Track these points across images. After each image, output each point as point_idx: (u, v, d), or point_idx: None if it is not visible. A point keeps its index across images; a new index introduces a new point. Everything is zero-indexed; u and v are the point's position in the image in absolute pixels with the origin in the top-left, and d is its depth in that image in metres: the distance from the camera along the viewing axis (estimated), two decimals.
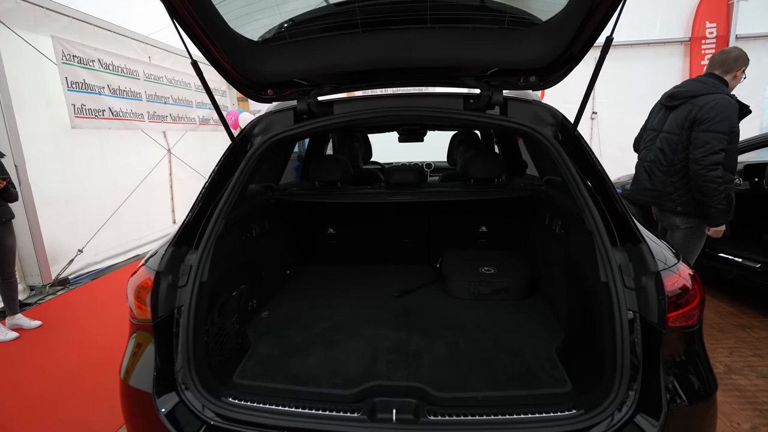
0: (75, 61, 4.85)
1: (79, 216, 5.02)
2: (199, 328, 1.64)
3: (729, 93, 2.68)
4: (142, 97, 5.85)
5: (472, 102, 1.96)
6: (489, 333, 2.03)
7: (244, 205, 2.14)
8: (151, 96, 6.00)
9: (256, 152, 1.92)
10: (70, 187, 4.91)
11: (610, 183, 1.72)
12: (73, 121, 4.77)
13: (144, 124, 5.89)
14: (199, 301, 1.64)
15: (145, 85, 5.91)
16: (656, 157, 2.86)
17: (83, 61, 4.95)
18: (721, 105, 2.57)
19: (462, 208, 2.92)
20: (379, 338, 2.01)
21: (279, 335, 2.06)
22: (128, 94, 5.62)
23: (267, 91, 2.11)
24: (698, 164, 2.59)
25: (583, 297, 1.86)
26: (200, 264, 1.68)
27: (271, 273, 2.54)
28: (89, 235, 5.06)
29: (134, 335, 1.67)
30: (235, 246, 2.08)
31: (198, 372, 1.55)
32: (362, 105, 2.01)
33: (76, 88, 4.85)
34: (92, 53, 5.08)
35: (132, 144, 5.83)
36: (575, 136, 1.89)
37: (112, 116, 5.34)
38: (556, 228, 2.18)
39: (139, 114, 5.79)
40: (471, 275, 2.45)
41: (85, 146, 5.11)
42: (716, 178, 2.56)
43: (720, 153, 2.54)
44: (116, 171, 5.56)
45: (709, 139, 2.56)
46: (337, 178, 2.73)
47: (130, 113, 5.61)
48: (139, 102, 5.80)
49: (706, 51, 7.82)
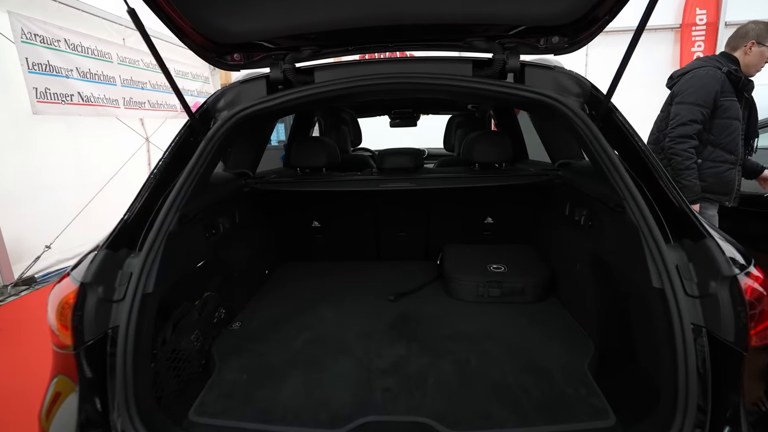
0: (37, 40, 4.28)
1: (47, 210, 4.48)
2: (143, 353, 1.23)
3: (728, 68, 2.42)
4: (116, 81, 5.29)
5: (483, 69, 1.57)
6: (504, 345, 1.64)
7: (208, 195, 1.70)
8: (126, 81, 5.44)
9: (221, 130, 1.51)
10: (35, 178, 4.38)
11: (657, 164, 1.34)
12: (34, 106, 4.21)
13: (119, 110, 5.34)
14: (141, 319, 1.22)
15: (120, 69, 5.35)
16: (650, 137, 2.71)
17: (46, 41, 4.38)
18: (698, 76, 2.41)
19: (465, 197, 2.49)
20: (373, 355, 1.60)
21: (251, 354, 1.64)
22: (100, 78, 5.06)
23: (233, 56, 1.68)
24: (667, 137, 2.43)
25: (620, 302, 1.48)
26: (144, 270, 1.26)
27: (245, 275, 2.10)
28: (58, 230, 4.55)
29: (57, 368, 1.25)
30: (196, 245, 1.65)
31: (141, 413, 1.14)
32: (350, 72, 1.58)
33: (39, 69, 4.29)
34: (57, 32, 4.51)
35: (105, 132, 5.28)
36: (608, 109, 1.49)
37: (82, 102, 4.78)
38: (580, 219, 1.78)
39: (114, 100, 5.24)
40: (478, 274, 2.05)
41: (51, 134, 4.56)
42: (683, 152, 2.36)
43: (690, 125, 2.36)
44: (88, 161, 5.02)
45: (678, 111, 2.40)
46: (322, 164, 2.29)
47: (103, 99, 5.05)
48: (113, 87, 5.24)
49: (696, 38, 7.62)
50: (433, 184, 2.26)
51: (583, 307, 1.76)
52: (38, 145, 4.46)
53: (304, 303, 2.07)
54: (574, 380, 1.42)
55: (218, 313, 1.78)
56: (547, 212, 2.29)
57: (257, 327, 1.85)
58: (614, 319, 1.52)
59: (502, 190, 2.31)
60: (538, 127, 2.37)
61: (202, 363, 1.60)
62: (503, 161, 2.27)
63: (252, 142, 2.37)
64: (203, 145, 1.52)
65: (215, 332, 1.75)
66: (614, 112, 1.48)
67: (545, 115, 1.67)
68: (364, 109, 3.72)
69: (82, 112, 4.80)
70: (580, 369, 1.47)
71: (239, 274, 2.02)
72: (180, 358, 1.48)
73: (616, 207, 1.36)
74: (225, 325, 1.84)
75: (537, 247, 2.40)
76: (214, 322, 1.74)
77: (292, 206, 2.57)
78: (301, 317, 1.92)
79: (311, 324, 1.85)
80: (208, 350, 1.65)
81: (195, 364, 1.56)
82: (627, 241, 1.33)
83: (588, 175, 1.72)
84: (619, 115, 1.48)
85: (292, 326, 1.84)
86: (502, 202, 2.50)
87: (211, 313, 1.73)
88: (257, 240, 2.33)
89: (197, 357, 1.57)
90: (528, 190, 2.32)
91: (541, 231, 2.37)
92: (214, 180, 1.84)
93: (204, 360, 1.62)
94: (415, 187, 2.19)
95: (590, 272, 1.69)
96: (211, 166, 1.69)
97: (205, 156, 1.52)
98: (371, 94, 1.68)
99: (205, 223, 1.71)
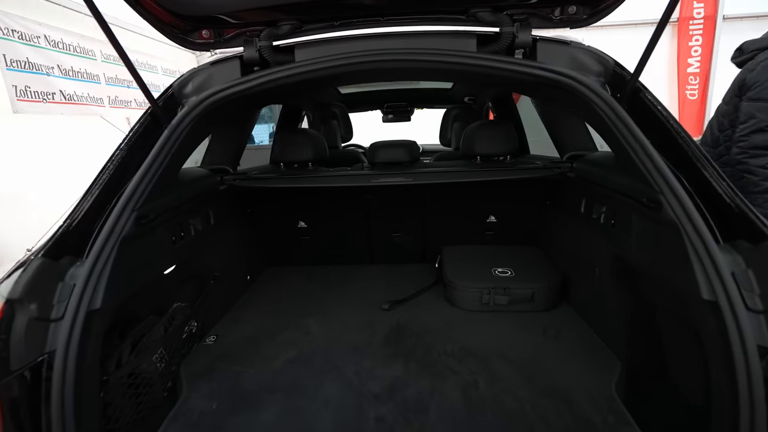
0: (15, 36, 4.07)
1: (28, 213, 4.24)
2: (88, 382, 1.00)
3: None
4: (100, 79, 5.04)
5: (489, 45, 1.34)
6: (516, 364, 1.41)
7: (174, 192, 1.47)
8: (111, 79, 5.19)
9: (187, 117, 1.28)
10: (14, 180, 4.14)
11: (700, 152, 1.11)
12: (14, 104, 3.98)
13: (104, 109, 5.09)
14: (85, 340, 0.99)
15: (104, 67, 5.10)
16: (704, 137, 2.07)
17: (25, 37, 4.16)
18: None
19: (465, 193, 2.24)
20: (364, 377, 1.36)
21: (224, 376, 1.40)
22: (84, 76, 4.82)
23: (201, 32, 1.44)
24: (736, 145, 1.83)
25: (653, 313, 1.26)
26: (89, 282, 1.02)
27: (222, 282, 1.86)
28: (40, 234, 4.29)
29: None
30: (160, 250, 1.41)
31: None
32: (335, 49, 1.35)
33: (18, 67, 4.07)
34: (37, 28, 4.29)
35: (90, 132, 5.04)
36: (636, 89, 1.27)
37: (65, 100, 4.55)
38: (598, 217, 1.55)
39: (98, 98, 5.00)
40: (482, 280, 1.82)
41: (32, 134, 4.32)
42: (760, 169, 1.77)
43: None
44: (72, 161, 4.77)
45: (755, 111, 1.77)
46: (308, 158, 2.05)
47: (87, 97, 4.82)
48: (98, 85, 5.00)
49: (693, 32, 7.46)
50: (430, 179, 2.01)
51: (603, 317, 1.53)
52: (19, 145, 4.22)
53: (288, 313, 1.83)
54: (600, 406, 1.19)
55: (189, 327, 1.54)
56: (557, 210, 2.05)
57: (234, 342, 1.61)
58: (646, 334, 1.29)
59: (506, 185, 2.08)
60: (545, 115, 2.12)
61: (167, 386, 1.36)
62: (507, 153, 2.04)
63: (231, 135, 2.12)
64: (166, 135, 1.30)
65: (185, 349, 1.51)
66: (643, 91, 1.26)
67: (559, 98, 1.44)
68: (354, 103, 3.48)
69: (65, 110, 4.56)
70: (606, 392, 1.24)
71: (215, 281, 1.78)
72: (139, 382, 1.24)
73: (649, 202, 1.14)
74: (197, 340, 1.60)
75: (545, 248, 2.16)
76: (183, 337, 1.50)
77: (275, 205, 2.32)
78: (283, 331, 1.68)
79: (295, 339, 1.61)
80: (176, 371, 1.41)
81: (158, 389, 1.32)
82: (663, 242, 1.10)
83: (608, 166, 1.49)
84: (648, 94, 1.25)
85: (273, 342, 1.60)
86: (506, 198, 2.25)
87: (180, 328, 1.48)
88: (237, 243, 2.09)
89: (161, 380, 1.33)
90: (535, 186, 2.08)
91: (551, 231, 2.13)
92: (185, 176, 1.61)
93: (170, 382, 1.38)
94: (411, 182, 1.94)
95: (612, 278, 1.46)
96: (178, 160, 1.46)
97: (169, 147, 1.29)
98: (360, 74, 1.45)
99: (171, 225, 1.47)
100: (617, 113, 1.17)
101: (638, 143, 1.12)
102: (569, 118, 1.99)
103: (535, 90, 1.51)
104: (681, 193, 1.00)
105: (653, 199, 1.09)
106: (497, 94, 2.76)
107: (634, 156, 1.12)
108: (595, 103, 1.21)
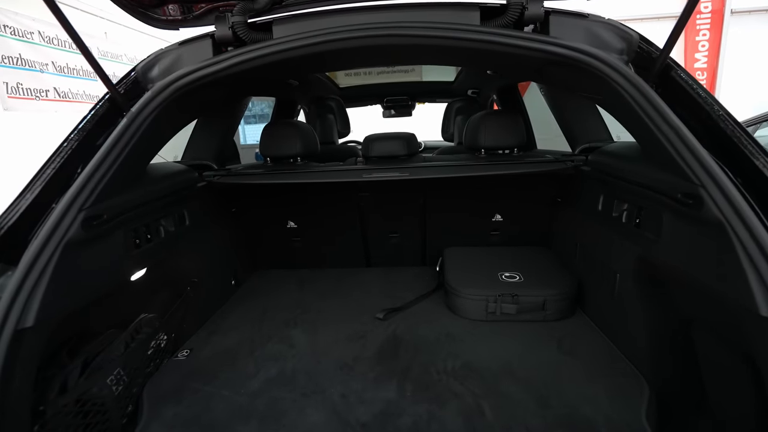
0: (8, 32, 3.92)
1: None
2: (16, 413, 0.81)
3: None
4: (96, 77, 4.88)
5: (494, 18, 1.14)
6: (527, 384, 1.20)
7: (138, 190, 1.27)
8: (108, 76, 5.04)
9: (151, 103, 1.10)
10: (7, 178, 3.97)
11: (748, 137, 0.91)
12: (5, 102, 3.85)
13: None
14: (11, 364, 0.81)
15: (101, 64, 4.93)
16: None
17: (18, 33, 4.02)
18: None
19: (469, 190, 2.02)
20: (353, 400, 1.17)
21: (193, 398, 1.21)
22: (79, 73, 4.68)
23: (166, 7, 1.25)
24: None
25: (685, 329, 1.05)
26: (19, 295, 0.84)
27: (201, 289, 1.66)
28: None
29: None
30: (119, 255, 1.21)
31: None
32: (319, 23, 1.16)
33: (10, 63, 3.93)
34: (30, 24, 4.14)
35: None
36: (666, 66, 1.07)
37: (59, 98, 4.40)
38: (619, 215, 1.34)
39: (94, 96, 4.84)
40: (488, 286, 1.61)
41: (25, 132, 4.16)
42: None
43: None
44: None
45: None
46: (296, 152, 1.84)
47: (82, 95, 4.67)
48: (94, 83, 4.85)
49: (701, 26, 7.24)
50: (429, 173, 1.77)
51: (625, 329, 1.32)
52: (10, 144, 4.05)
53: (273, 323, 1.63)
54: None
55: (157, 341, 1.34)
56: (570, 208, 1.83)
57: (209, 357, 1.41)
58: (679, 353, 1.09)
59: (513, 181, 1.86)
60: (555, 104, 1.90)
61: (126, 412, 1.17)
62: (515, 147, 1.82)
63: (213, 128, 1.92)
64: (125, 123, 1.12)
65: (150, 367, 1.31)
66: (675, 69, 1.05)
67: (573, 81, 1.23)
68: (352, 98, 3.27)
69: (59, 108, 4.41)
70: (636, 422, 1.03)
71: (192, 288, 1.58)
72: (89, 410, 1.05)
73: (685, 198, 0.93)
74: (168, 355, 1.41)
75: (557, 250, 1.95)
76: (149, 353, 1.30)
77: (262, 204, 2.11)
78: (266, 343, 1.48)
79: (277, 353, 1.41)
80: (139, 394, 1.22)
81: (115, 416, 1.12)
82: (704, 245, 0.90)
83: (631, 158, 1.28)
84: (682, 71, 1.05)
85: (253, 356, 1.41)
86: (513, 195, 2.02)
87: (146, 342, 1.29)
88: (219, 245, 1.89)
89: (118, 405, 1.14)
90: (545, 182, 1.87)
91: (563, 231, 1.91)
92: (154, 172, 1.41)
93: (131, 406, 1.19)
94: (409, 177, 1.72)
95: (637, 285, 1.25)
96: (144, 153, 1.27)
97: (128, 138, 1.11)
98: (348, 54, 1.25)
99: (135, 227, 1.28)
100: (646, 95, 0.97)
101: (672, 129, 0.92)
102: (582, 106, 1.78)
103: (546, 72, 1.30)
104: (729, 187, 0.81)
105: (691, 194, 0.90)
106: (502, 84, 2.53)
107: (668, 144, 0.93)
108: (618, 84, 1.01)
